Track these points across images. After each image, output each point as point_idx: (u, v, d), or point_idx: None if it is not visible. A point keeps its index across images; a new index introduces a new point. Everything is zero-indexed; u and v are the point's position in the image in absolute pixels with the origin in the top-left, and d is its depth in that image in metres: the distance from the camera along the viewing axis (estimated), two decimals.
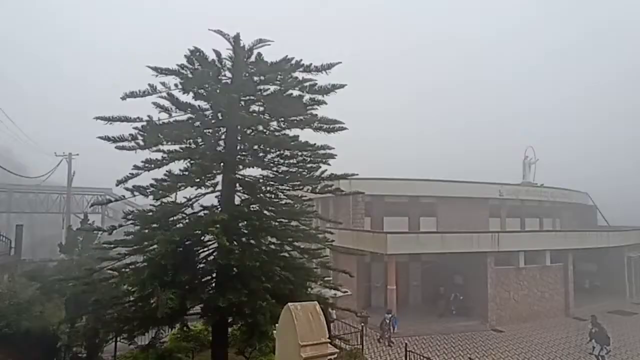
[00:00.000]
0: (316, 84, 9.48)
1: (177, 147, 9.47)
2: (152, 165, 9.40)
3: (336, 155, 10.42)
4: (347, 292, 15.75)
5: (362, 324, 17.22)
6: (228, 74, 10.00)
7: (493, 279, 20.46)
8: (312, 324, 6.55)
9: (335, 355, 7.11)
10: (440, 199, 25.16)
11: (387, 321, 17.16)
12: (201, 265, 10.24)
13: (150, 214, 9.90)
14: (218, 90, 9.40)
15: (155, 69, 9.50)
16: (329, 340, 6.67)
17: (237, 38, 9.75)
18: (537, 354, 16.23)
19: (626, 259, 27.22)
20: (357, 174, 10.56)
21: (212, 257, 9.95)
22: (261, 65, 9.35)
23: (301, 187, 10.56)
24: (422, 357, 13.78)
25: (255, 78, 9.71)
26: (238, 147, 10.21)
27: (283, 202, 10.59)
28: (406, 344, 14.60)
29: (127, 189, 9.31)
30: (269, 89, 9.77)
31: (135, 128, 9.55)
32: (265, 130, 9.90)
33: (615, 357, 16.12)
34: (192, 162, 9.35)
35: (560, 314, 22.49)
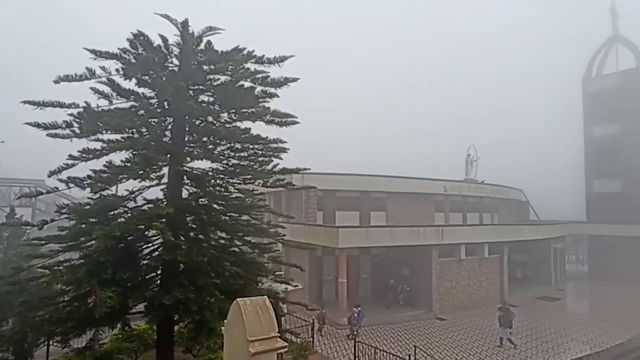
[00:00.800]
0: (268, 76, 9.34)
1: (118, 136, 8.89)
2: (90, 156, 8.76)
3: (289, 149, 10.37)
4: (298, 286, 15.84)
5: (321, 323, 17.40)
6: (175, 62, 9.54)
7: (437, 271, 21.57)
8: (261, 318, 6.51)
9: (286, 350, 7.14)
10: (390, 194, 25.99)
11: (356, 315, 17.34)
12: (145, 262, 9.77)
13: (88, 207, 9.24)
14: (164, 78, 8.93)
15: (93, 51, 8.82)
16: (279, 335, 6.67)
17: (185, 24, 9.33)
18: (474, 339, 17.40)
19: (552, 250, 29.97)
20: (309, 169, 10.55)
21: (157, 253, 9.51)
22: (211, 54, 9.01)
23: (252, 181, 10.38)
24: (370, 347, 14.21)
25: (205, 67, 9.35)
26: (186, 139, 9.81)
27: (233, 195, 10.36)
28: (355, 334, 14.97)
29: (61, 180, 8.61)
30: (220, 79, 9.46)
31: (71, 115, 8.83)
32: (215, 122, 9.60)
33: (523, 338, 17.69)
34: (135, 152, 8.83)
35: (496, 302, 24.15)
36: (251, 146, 9.69)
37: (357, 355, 14.08)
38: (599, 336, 18.17)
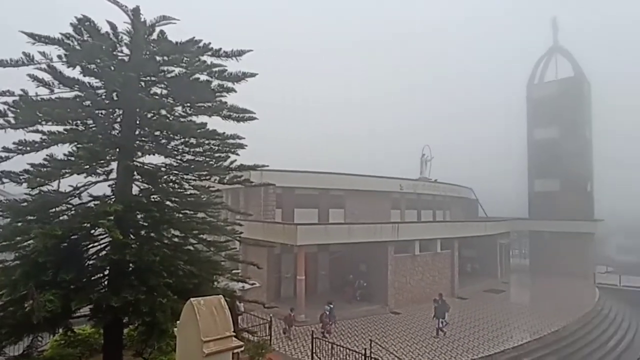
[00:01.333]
0: (226, 69, 9.10)
1: (60, 128, 8.27)
2: (28, 148, 8.09)
3: (246, 145, 10.18)
4: (255, 284, 15.69)
5: (288, 325, 16.56)
6: (126, 51, 9.04)
7: (393, 266, 22.21)
8: (216, 318, 6.37)
9: (242, 349, 7.03)
10: (348, 192, 26.37)
11: (327, 313, 17.38)
12: (91, 262, 9.20)
13: (25, 204, 8.54)
14: (112, 67, 8.43)
15: (31, 35, 8.13)
16: (234, 334, 6.56)
17: (136, 11, 8.85)
18: (425, 331, 18.14)
19: (498, 245, 31.90)
20: (267, 166, 10.45)
21: (104, 253, 8.99)
22: (164, 44, 8.62)
23: (208, 177, 10.10)
24: (327, 343, 14.36)
25: (158, 58, 8.93)
26: (137, 132, 9.33)
27: (188, 192, 10.01)
28: (313, 331, 15.06)
29: None
30: (174, 71, 9.08)
31: (5, 103, 8.10)
32: (169, 115, 9.21)
33: (471, 328, 18.81)
34: (79, 146, 8.26)
35: (447, 295, 25.34)
36: (207, 141, 9.40)
37: (314, 351, 14.18)
38: (537, 324, 19.60)
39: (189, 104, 9.32)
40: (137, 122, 9.15)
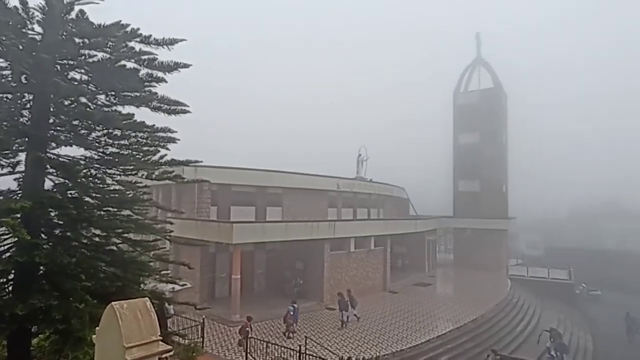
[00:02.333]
0: (156, 58, 8.51)
1: None
2: None
3: (179, 139, 9.66)
4: (186, 285, 15.02)
5: (243, 337, 14.51)
6: (38, 29, 8.07)
7: (329, 263, 22.63)
8: (140, 322, 5.99)
9: (171, 353, 6.68)
10: (286, 190, 26.33)
11: (291, 313, 17.15)
12: None
13: None
14: (21, 47, 7.48)
15: None
16: (161, 338, 6.23)
17: None
18: (358, 324, 18.77)
19: (426, 241, 34.05)
20: (201, 161, 9.97)
21: (8, 255, 7.97)
22: (84, 26, 7.82)
23: (135, 172, 9.40)
24: (262, 342, 14.22)
25: (78, 40, 8.10)
26: (51, 121, 8.39)
27: (111, 188, 9.23)
28: (248, 330, 14.80)
29: None
30: (96, 55, 8.29)
31: None
32: (89, 104, 8.41)
33: (401, 320, 19.96)
34: None
35: (380, 289, 26.53)
36: (134, 133, 8.73)
37: (248, 351, 13.95)
38: (459, 314, 21.26)
39: (113, 93, 8.56)
40: (52, 109, 8.22)
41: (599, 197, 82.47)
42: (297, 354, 12.89)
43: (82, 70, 8.46)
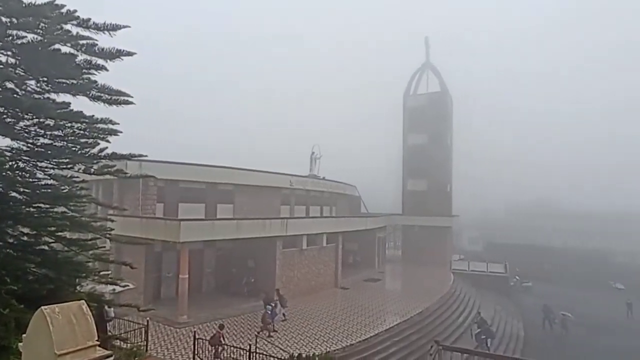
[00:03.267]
0: (96, 44, 7.94)
1: None
2: None
3: (121, 132, 9.09)
4: (128, 285, 14.25)
5: (217, 348, 13.46)
6: None
7: (281, 261, 22.53)
8: (75, 327, 5.59)
9: (111, 358, 6.29)
10: (238, 187, 25.80)
11: (269, 312, 16.82)
12: None
13: None
14: None
15: None
16: (98, 343, 5.86)
17: None
18: (310, 321, 18.90)
19: (377, 238, 35.04)
20: (145, 155, 9.45)
21: None
22: (12, 3, 7.09)
23: (71, 166, 8.71)
24: (243, 350, 13.78)
25: (4, 19, 7.33)
26: None
27: (43, 183, 8.49)
28: (195, 331, 14.34)
29: None
30: (26, 37, 7.56)
31: None
32: (17, 90, 7.66)
33: (351, 314, 20.49)
34: None
35: (331, 286, 26.88)
36: (69, 124, 8.07)
37: (196, 352, 13.51)
38: (406, 307, 22.12)
39: (45, 79, 7.86)
40: None
41: (534, 198, 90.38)
42: (247, 352, 12.69)
43: (9, 53, 7.68)
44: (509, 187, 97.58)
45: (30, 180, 8.23)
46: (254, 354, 12.66)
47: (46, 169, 8.53)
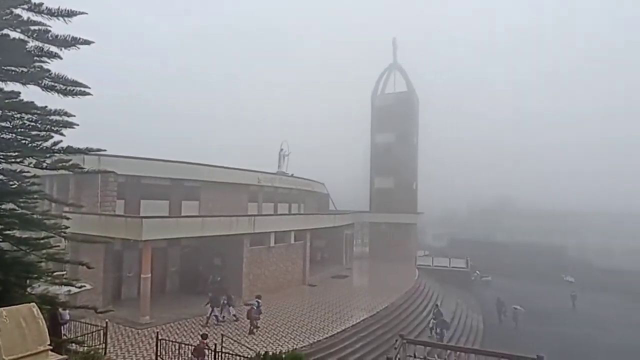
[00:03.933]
0: (49, 31, 7.46)
1: None
2: None
3: (77, 124, 8.61)
4: (85, 286, 13.61)
5: (200, 357, 12.52)
6: None
7: (248, 258, 22.27)
8: (25, 330, 5.34)
9: None
10: (204, 183, 25.22)
11: (255, 308, 16.58)
12: None
13: None
14: None
15: None
16: (51, 347, 5.58)
17: None
18: (277, 318, 18.83)
19: (344, 235, 35.39)
20: (104, 150, 9.02)
21: None
22: None
23: (21, 160, 8.17)
24: (173, 343, 13.45)
25: None
26: None
27: None
28: (158, 332, 13.90)
29: None
30: None
31: None
32: None
33: (321, 311, 20.66)
34: None
35: (299, 283, 26.89)
36: (18, 115, 7.55)
37: (159, 353, 13.10)
38: (373, 303, 22.51)
39: None
40: None
41: (494, 197, 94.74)
42: (212, 352, 12.45)
43: None
44: (472, 186, 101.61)
45: None
46: (220, 354, 12.46)
47: None
